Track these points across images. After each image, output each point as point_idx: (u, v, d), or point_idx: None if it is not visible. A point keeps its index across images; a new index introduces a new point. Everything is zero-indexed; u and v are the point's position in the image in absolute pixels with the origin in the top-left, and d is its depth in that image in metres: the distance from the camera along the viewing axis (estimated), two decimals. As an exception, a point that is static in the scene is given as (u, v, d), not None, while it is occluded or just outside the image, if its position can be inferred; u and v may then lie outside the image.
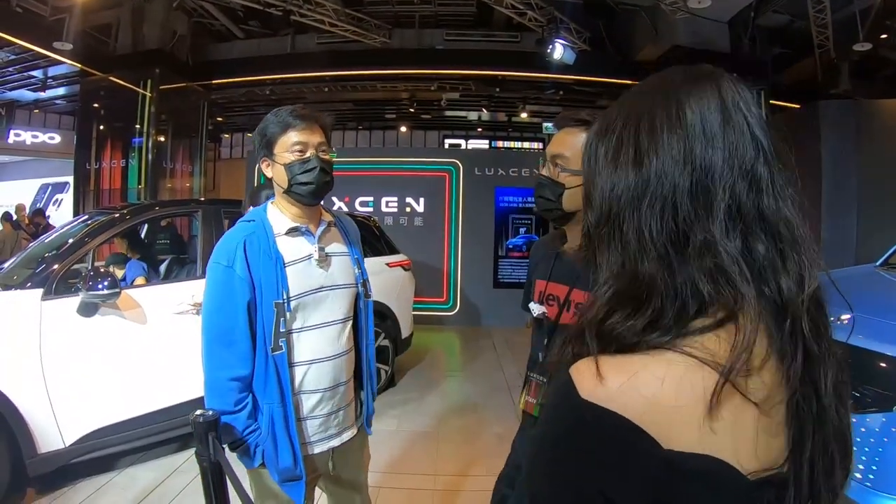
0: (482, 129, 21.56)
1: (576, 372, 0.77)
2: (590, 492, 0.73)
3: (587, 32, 11.84)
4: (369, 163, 11.09)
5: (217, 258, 2.15)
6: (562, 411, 0.78)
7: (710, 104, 0.82)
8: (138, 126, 11.78)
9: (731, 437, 0.72)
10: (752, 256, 0.77)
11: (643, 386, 0.72)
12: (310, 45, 13.14)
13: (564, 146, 1.92)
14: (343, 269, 2.33)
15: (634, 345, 0.77)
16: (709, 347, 0.75)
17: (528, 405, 2.01)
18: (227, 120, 19.35)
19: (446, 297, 11.10)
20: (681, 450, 0.71)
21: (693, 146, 0.80)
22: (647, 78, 0.91)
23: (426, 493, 4.18)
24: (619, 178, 0.84)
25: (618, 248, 0.84)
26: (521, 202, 11.26)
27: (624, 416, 0.71)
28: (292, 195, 2.21)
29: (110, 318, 4.22)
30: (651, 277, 0.78)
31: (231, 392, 2.10)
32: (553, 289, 2.01)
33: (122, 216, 4.89)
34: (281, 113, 2.22)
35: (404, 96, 16.77)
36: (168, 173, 12.71)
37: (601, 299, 0.83)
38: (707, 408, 0.71)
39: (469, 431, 5.54)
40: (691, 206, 0.79)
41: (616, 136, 0.86)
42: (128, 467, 4.39)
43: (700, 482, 0.71)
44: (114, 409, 4.20)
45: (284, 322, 2.14)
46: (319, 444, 2.29)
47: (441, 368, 8.26)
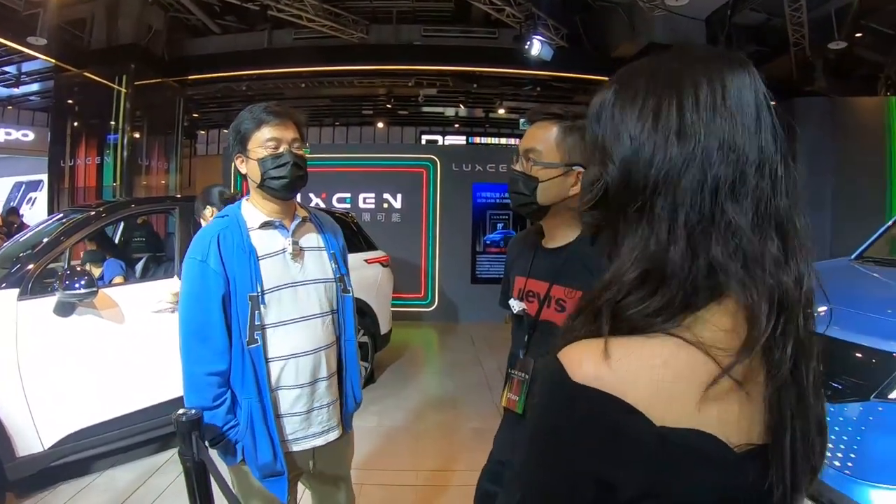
0: (459, 125, 21.54)
1: (565, 357, 0.77)
2: (585, 478, 0.74)
3: (564, 29, 11.87)
4: (346, 159, 11.05)
5: (192, 254, 2.18)
6: (554, 397, 0.78)
7: (749, 95, 0.83)
8: (113, 123, 11.61)
9: (717, 413, 0.75)
10: (764, 251, 0.79)
11: (638, 366, 0.74)
12: (287, 41, 13.04)
13: (537, 140, 1.92)
14: (318, 263, 2.36)
15: (637, 328, 0.77)
16: (704, 334, 0.77)
17: (510, 402, 1.99)
18: (202, 116, 19.14)
19: (424, 293, 11.10)
20: (672, 426, 0.73)
21: (735, 133, 0.80)
22: (672, 50, 0.90)
23: (407, 489, 4.20)
24: (659, 149, 0.81)
25: (648, 224, 0.81)
26: (498, 198, 11.28)
27: (616, 396, 0.73)
28: (266, 189, 2.23)
29: (88, 317, 4.17)
30: (675, 261, 0.78)
31: (209, 387, 2.13)
32: (533, 285, 2.01)
33: (98, 214, 4.83)
34: (255, 109, 2.25)
35: (381, 92, 16.72)
36: (144, 170, 12.55)
37: (624, 279, 0.81)
38: (701, 391, 0.74)
39: (449, 427, 5.57)
40: (728, 191, 0.79)
41: (653, 103, 0.83)
42: (108, 469, 4.34)
43: (691, 456, 0.74)
44: (93, 410, 4.14)
45: (259, 315, 2.15)
46: (301, 442, 2.29)
47: (420, 364, 8.28)
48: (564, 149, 1.88)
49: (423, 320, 10.83)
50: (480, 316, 10.87)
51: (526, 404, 1.93)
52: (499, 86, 15.42)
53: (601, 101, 0.90)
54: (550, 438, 0.77)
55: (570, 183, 1.89)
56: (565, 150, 1.88)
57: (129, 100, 11.61)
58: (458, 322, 10.98)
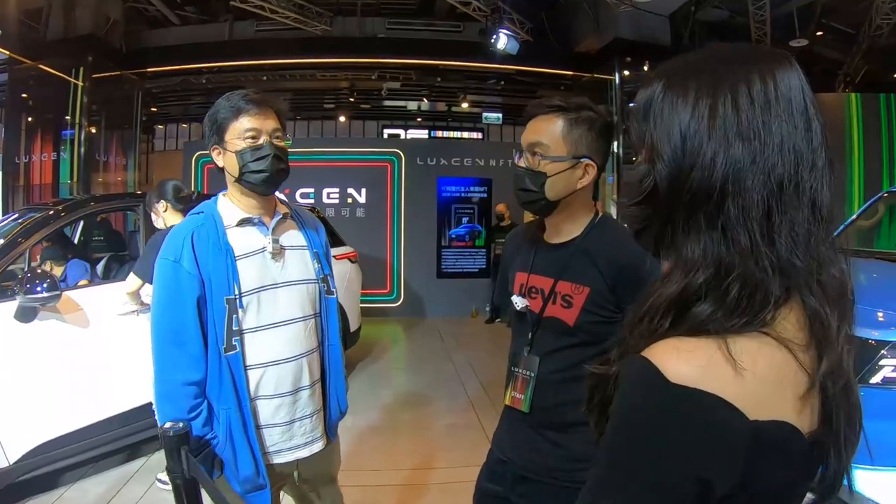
0: (422, 119, 21.48)
1: (656, 357, 0.76)
2: (687, 478, 0.73)
3: (529, 23, 11.90)
4: (310, 153, 10.94)
5: (164, 254, 2.02)
6: (650, 399, 0.76)
7: (797, 90, 0.82)
8: (69, 117, 11.21)
9: (794, 404, 0.77)
10: (819, 249, 0.81)
11: (732, 364, 0.74)
12: (248, 33, 12.80)
13: (542, 133, 1.86)
14: (300, 263, 2.19)
15: (717, 328, 0.77)
16: (784, 327, 0.78)
17: (515, 401, 1.95)
18: (160, 110, 18.71)
19: (390, 288, 11.09)
20: (763, 419, 0.74)
21: (790, 130, 0.80)
22: (717, 46, 0.90)
23: (388, 489, 4.14)
24: (721, 149, 0.80)
25: (715, 226, 0.81)
26: (463, 192, 11.31)
27: (715, 394, 0.73)
28: (244, 184, 2.08)
29: (52, 322, 3.94)
30: (748, 262, 0.78)
31: (185, 397, 1.96)
32: (536, 281, 1.96)
33: (58, 213, 4.61)
34: (233, 97, 2.08)
35: (344, 86, 16.58)
36: (101, 167, 12.18)
37: (695, 280, 0.80)
38: (785, 385, 0.77)
39: (424, 424, 5.53)
40: (792, 193, 0.80)
41: (711, 100, 0.81)
42: (77, 481, 4.14)
43: (777, 447, 0.76)
44: (60, 420, 3.92)
45: (237, 320, 2.00)
46: (283, 454, 2.15)
47: (390, 361, 8.24)
48: (571, 141, 1.84)
49: (389, 316, 10.81)
50: (446, 311, 10.92)
51: (533, 398, 1.90)
52: (463, 80, 15.41)
53: (649, 97, 0.88)
54: (650, 440, 0.74)
55: (578, 176, 1.85)
56: (572, 143, 1.84)
57: (86, 93, 11.19)
58: (424, 317, 11.00)
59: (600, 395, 0.90)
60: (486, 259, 11.38)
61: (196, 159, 10.73)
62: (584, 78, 12.97)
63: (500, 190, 11.26)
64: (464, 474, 4.31)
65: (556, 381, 1.89)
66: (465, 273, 11.37)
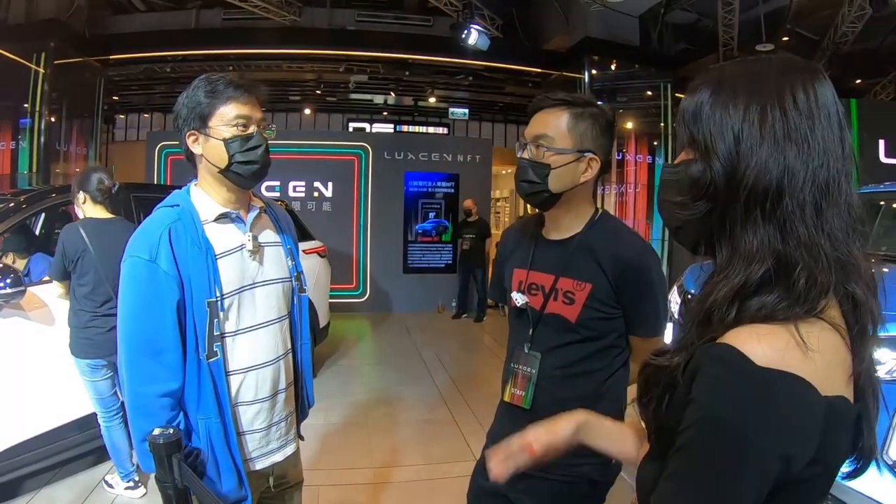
0: (388, 113, 21.34)
1: (739, 342, 0.82)
2: (776, 458, 0.79)
3: (499, 19, 11.91)
4: (276, 146, 10.59)
5: (136, 251, 1.82)
6: (738, 385, 0.81)
7: (832, 101, 0.91)
8: (27, 105, 10.80)
9: (846, 380, 0.87)
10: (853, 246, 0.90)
11: (802, 347, 0.82)
12: (215, 21, 12.50)
13: (547, 126, 1.87)
14: (276, 261, 2.07)
15: (781, 316, 0.85)
16: (832, 315, 0.87)
17: (515, 397, 1.96)
18: (122, 99, 18.21)
19: (356, 283, 11.07)
20: (831, 394, 0.83)
21: (829, 137, 0.89)
22: (758, 57, 0.97)
23: (366, 488, 4.11)
24: (773, 153, 0.88)
25: (772, 222, 0.88)
26: (430, 187, 11.32)
27: (798, 375, 0.80)
28: (230, 175, 1.91)
29: (14, 320, 3.75)
30: (804, 258, 0.86)
31: (162, 410, 1.80)
32: (536, 277, 1.96)
33: (19, 204, 4.36)
34: (216, 81, 1.90)
35: (310, 78, 16.36)
36: (62, 157, 11.80)
37: (753, 273, 0.87)
38: (842, 364, 0.86)
39: (397, 420, 5.51)
40: (836, 194, 0.88)
41: (760, 107, 0.89)
42: (43, 487, 3.95)
43: (841, 419, 0.85)
44: (24, 424, 3.74)
45: (218, 324, 1.85)
46: (261, 459, 2.06)
47: (359, 357, 8.19)
48: (576, 135, 1.85)
49: (356, 311, 10.77)
50: (413, 306, 10.93)
51: (535, 398, 1.91)
52: (431, 74, 15.32)
53: (697, 102, 0.96)
54: (741, 424, 0.79)
55: (581, 170, 1.86)
56: (577, 136, 1.85)
57: (47, 80, 10.80)
58: (391, 312, 11.01)
59: (659, 387, 0.94)
60: (452, 254, 11.40)
61: (160, 150, 10.53)
62: (553, 75, 13.01)
63: (466, 185, 11.28)
64: (441, 470, 4.36)
65: (558, 377, 1.90)
66: (431, 268, 11.40)
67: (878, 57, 12.39)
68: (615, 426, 1.33)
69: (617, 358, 1.90)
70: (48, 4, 10.94)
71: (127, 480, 3.87)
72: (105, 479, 4.01)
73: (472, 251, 10.50)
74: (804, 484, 0.84)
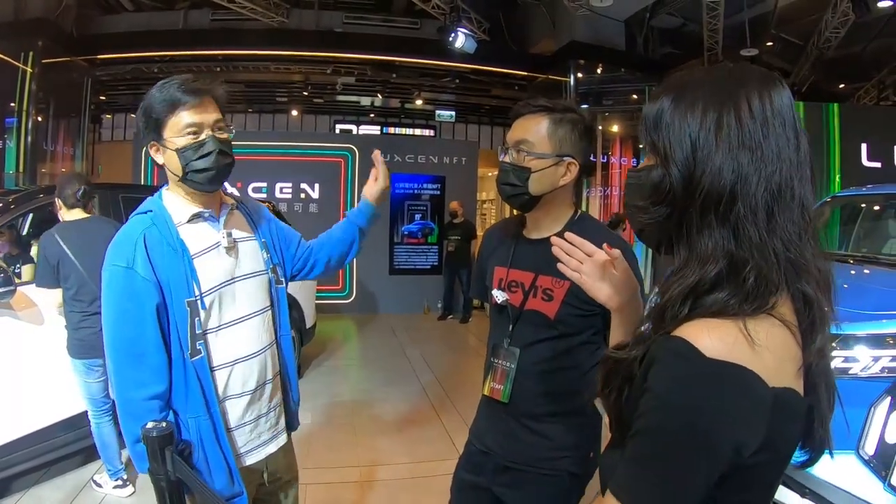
0: (374, 114, 21.38)
1: (690, 335, 0.88)
2: (727, 445, 0.85)
3: (486, 23, 11.99)
4: (263, 147, 10.84)
5: (113, 259, 1.86)
6: (689, 375, 0.87)
7: (788, 108, 0.95)
8: (14, 105, 10.71)
9: (795, 374, 0.92)
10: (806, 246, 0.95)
11: (756, 340, 0.87)
12: (203, 22, 12.51)
13: (528, 132, 1.94)
14: (251, 254, 2.10)
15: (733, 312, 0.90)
16: (782, 312, 0.91)
17: (494, 391, 2.02)
18: (109, 99, 18.13)
19: (342, 284, 11.07)
20: (779, 386, 0.88)
21: (783, 143, 0.94)
22: (708, 67, 1.04)
23: (353, 486, 4.15)
24: (727, 158, 0.93)
25: (726, 225, 0.93)
26: (416, 189, 11.35)
27: (746, 367, 0.85)
28: (188, 183, 1.93)
29: (5, 319, 3.78)
30: (755, 257, 0.91)
31: (150, 413, 1.83)
32: (516, 275, 2.02)
33: (7, 205, 4.37)
34: (168, 88, 1.88)
35: (298, 79, 16.38)
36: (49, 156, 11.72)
37: (708, 272, 0.93)
38: (791, 358, 0.91)
39: (383, 419, 5.55)
40: (789, 197, 0.93)
41: (717, 115, 0.94)
42: (32, 487, 3.96)
43: (790, 409, 0.90)
44: (14, 423, 3.76)
45: (200, 322, 1.89)
46: (253, 453, 2.09)
47: (345, 357, 8.22)
48: (556, 140, 1.92)
49: (342, 312, 10.78)
50: (399, 307, 10.96)
51: (513, 390, 1.97)
52: (417, 77, 15.39)
53: (658, 110, 1.00)
54: (690, 412, 0.85)
55: (561, 173, 1.93)
56: (556, 142, 1.92)
57: (34, 79, 10.74)
58: (377, 313, 11.04)
59: (620, 378, 0.99)
60: (438, 256, 11.45)
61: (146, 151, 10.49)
62: (539, 79, 13.11)
63: (453, 187, 11.33)
64: (427, 469, 4.41)
65: (536, 372, 1.96)
66: (417, 270, 11.43)
67: (862, 62, 12.57)
68: None
69: (593, 354, 1.94)
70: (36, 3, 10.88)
71: (115, 479, 3.89)
72: (93, 479, 4.02)
73: (457, 253, 10.55)
74: (754, 470, 0.89)
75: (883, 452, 2.77)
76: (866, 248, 5.21)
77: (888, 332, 3.01)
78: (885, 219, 5.43)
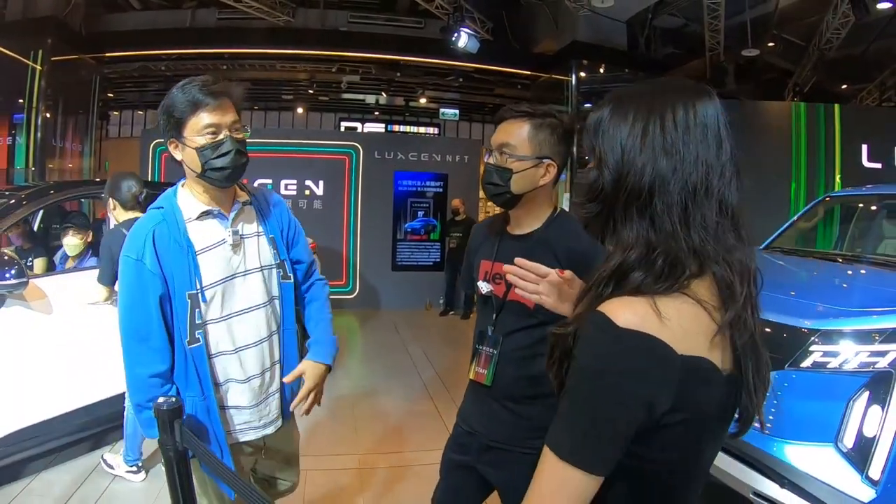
0: (379, 112, 21.49)
1: (608, 310, 1.01)
2: (634, 399, 0.98)
3: (489, 23, 12.07)
4: (268, 144, 10.90)
5: (127, 251, 2.06)
6: (604, 340, 1.00)
7: (712, 117, 1.08)
8: (22, 101, 10.81)
9: (710, 347, 1.03)
10: (725, 238, 1.08)
11: (664, 314, 0.99)
12: (210, 21, 12.65)
13: (510, 136, 2.09)
14: (257, 251, 2.24)
15: (647, 291, 1.03)
16: (698, 292, 1.04)
17: (479, 375, 2.16)
18: (116, 96, 18.30)
19: (346, 280, 11.14)
20: (689, 354, 1.00)
21: (703, 147, 1.07)
22: (650, 81, 1.18)
23: (351, 472, 4.29)
24: (650, 161, 1.06)
25: (645, 217, 1.07)
26: (419, 186, 11.41)
27: (652, 335, 0.98)
28: (206, 179, 2.09)
29: (19, 310, 3.90)
30: (670, 245, 1.04)
31: (152, 388, 2.03)
32: (500, 268, 2.14)
33: (19, 201, 4.45)
34: (189, 89, 2.03)
35: (303, 77, 16.49)
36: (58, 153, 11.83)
37: (631, 258, 1.06)
38: (704, 332, 1.03)
39: (383, 412, 5.68)
40: (703, 194, 1.06)
41: (643, 124, 1.08)
42: (42, 471, 4.12)
43: (700, 375, 1.01)
44: (28, 411, 3.91)
45: (200, 313, 2.07)
46: (252, 431, 2.26)
47: (348, 352, 8.30)
48: (535, 143, 2.07)
49: (345, 308, 10.83)
50: (401, 303, 11.02)
51: (496, 373, 2.12)
52: (422, 75, 15.49)
53: (598, 118, 1.15)
54: (606, 373, 0.99)
55: (540, 174, 2.08)
56: (536, 144, 2.07)
57: (43, 77, 10.88)
58: (379, 309, 11.11)
59: (560, 350, 1.13)
60: (440, 253, 11.53)
61: (154, 147, 10.61)
62: (542, 78, 13.20)
63: (455, 185, 11.40)
64: (423, 458, 4.51)
65: (516, 357, 2.11)
66: (419, 266, 11.50)
67: (864, 63, 12.61)
68: None
69: None
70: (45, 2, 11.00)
71: (131, 464, 4.01)
72: (104, 458, 4.14)
73: (459, 249, 10.56)
74: (674, 429, 1.01)
75: (861, 445, 2.85)
76: (860, 247, 5.27)
77: (873, 327, 3.07)
78: (880, 219, 5.48)
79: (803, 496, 2.89)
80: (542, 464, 1.03)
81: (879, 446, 2.82)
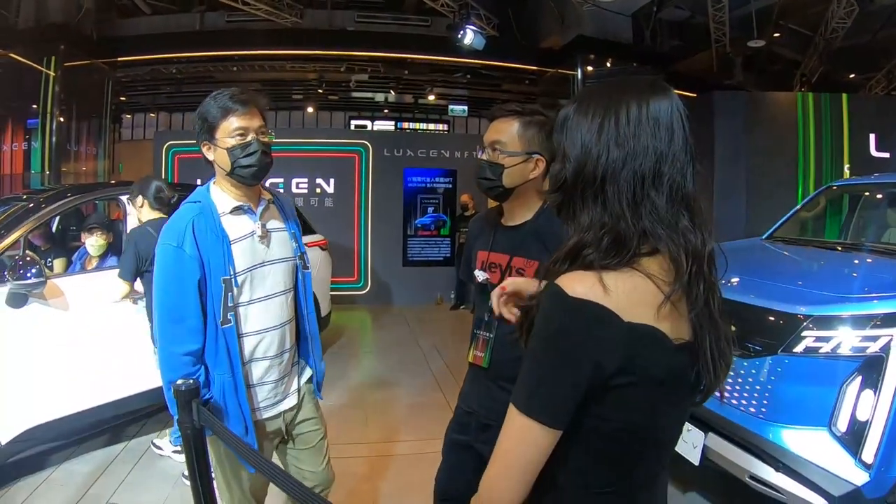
0: (388, 110, 21.57)
1: (562, 282, 1.12)
2: (583, 359, 1.08)
3: (495, 19, 12.13)
4: (279, 143, 10.85)
5: (166, 240, 2.25)
6: (557, 308, 1.11)
7: (665, 112, 1.17)
8: (36, 106, 10.97)
9: (660, 318, 1.12)
10: (677, 222, 1.16)
11: (611, 286, 1.09)
12: (219, 24, 12.78)
13: (501, 133, 2.24)
14: (282, 243, 2.48)
15: (598, 266, 1.13)
16: (650, 268, 1.14)
17: (477, 358, 2.31)
18: (129, 99, 18.48)
19: (357, 276, 11.25)
20: (636, 322, 1.09)
21: (654, 139, 1.16)
22: (615, 80, 1.32)
23: (360, 460, 4.44)
24: (603, 152, 1.16)
25: (598, 202, 1.18)
26: (428, 182, 11.48)
27: (601, 304, 1.08)
28: (235, 177, 2.32)
29: (43, 308, 4.07)
30: (622, 227, 1.14)
31: (184, 366, 2.23)
32: (495, 258, 2.32)
33: (38, 204, 4.58)
34: (220, 98, 2.29)
35: (313, 77, 16.61)
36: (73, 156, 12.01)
37: (587, 238, 1.17)
38: (651, 303, 1.12)
39: (392, 403, 5.82)
40: (651, 182, 1.15)
41: (600, 120, 1.18)
42: (63, 462, 4.31)
43: (646, 341, 1.10)
44: (53, 404, 4.07)
45: (232, 297, 2.27)
46: (270, 408, 2.46)
47: (359, 346, 8.48)
48: (525, 140, 2.21)
49: (357, 303, 10.98)
50: (412, 298, 11.11)
51: (492, 355, 2.26)
52: (429, 72, 15.58)
53: (565, 115, 1.25)
54: (557, 335, 1.10)
55: (530, 168, 2.22)
56: (526, 141, 2.21)
57: (57, 82, 11.08)
58: (391, 304, 11.23)
59: (528, 320, 1.23)
60: (450, 248, 11.62)
61: (167, 149, 10.76)
62: (548, 73, 13.26)
63: (464, 180, 11.43)
64: (432, 445, 4.58)
65: (510, 340, 2.21)
66: (430, 261, 11.59)
67: (871, 52, 12.56)
68: None
69: None
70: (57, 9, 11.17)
71: (177, 444, 4.13)
72: (153, 442, 4.45)
73: (468, 244, 10.65)
74: (625, 390, 1.11)
75: (854, 429, 2.92)
76: (864, 236, 5.30)
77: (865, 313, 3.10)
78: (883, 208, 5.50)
79: (798, 479, 2.96)
80: (507, 419, 1.16)
81: (872, 430, 2.87)
